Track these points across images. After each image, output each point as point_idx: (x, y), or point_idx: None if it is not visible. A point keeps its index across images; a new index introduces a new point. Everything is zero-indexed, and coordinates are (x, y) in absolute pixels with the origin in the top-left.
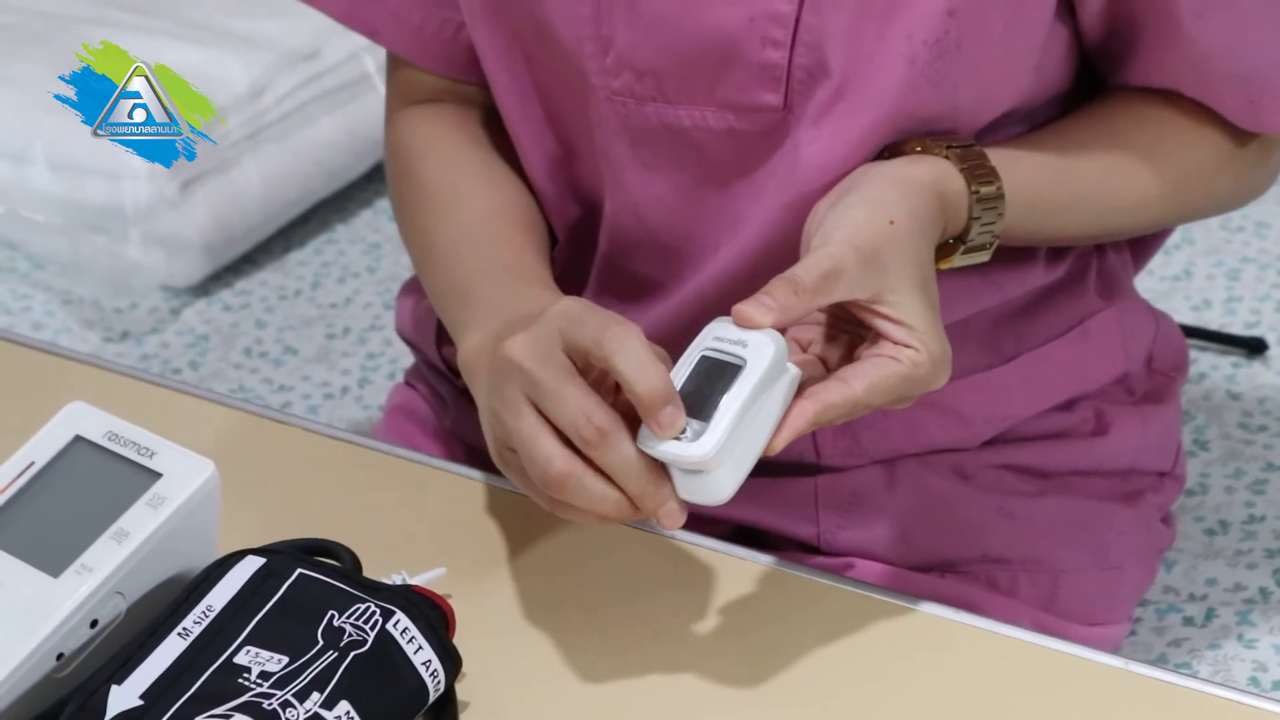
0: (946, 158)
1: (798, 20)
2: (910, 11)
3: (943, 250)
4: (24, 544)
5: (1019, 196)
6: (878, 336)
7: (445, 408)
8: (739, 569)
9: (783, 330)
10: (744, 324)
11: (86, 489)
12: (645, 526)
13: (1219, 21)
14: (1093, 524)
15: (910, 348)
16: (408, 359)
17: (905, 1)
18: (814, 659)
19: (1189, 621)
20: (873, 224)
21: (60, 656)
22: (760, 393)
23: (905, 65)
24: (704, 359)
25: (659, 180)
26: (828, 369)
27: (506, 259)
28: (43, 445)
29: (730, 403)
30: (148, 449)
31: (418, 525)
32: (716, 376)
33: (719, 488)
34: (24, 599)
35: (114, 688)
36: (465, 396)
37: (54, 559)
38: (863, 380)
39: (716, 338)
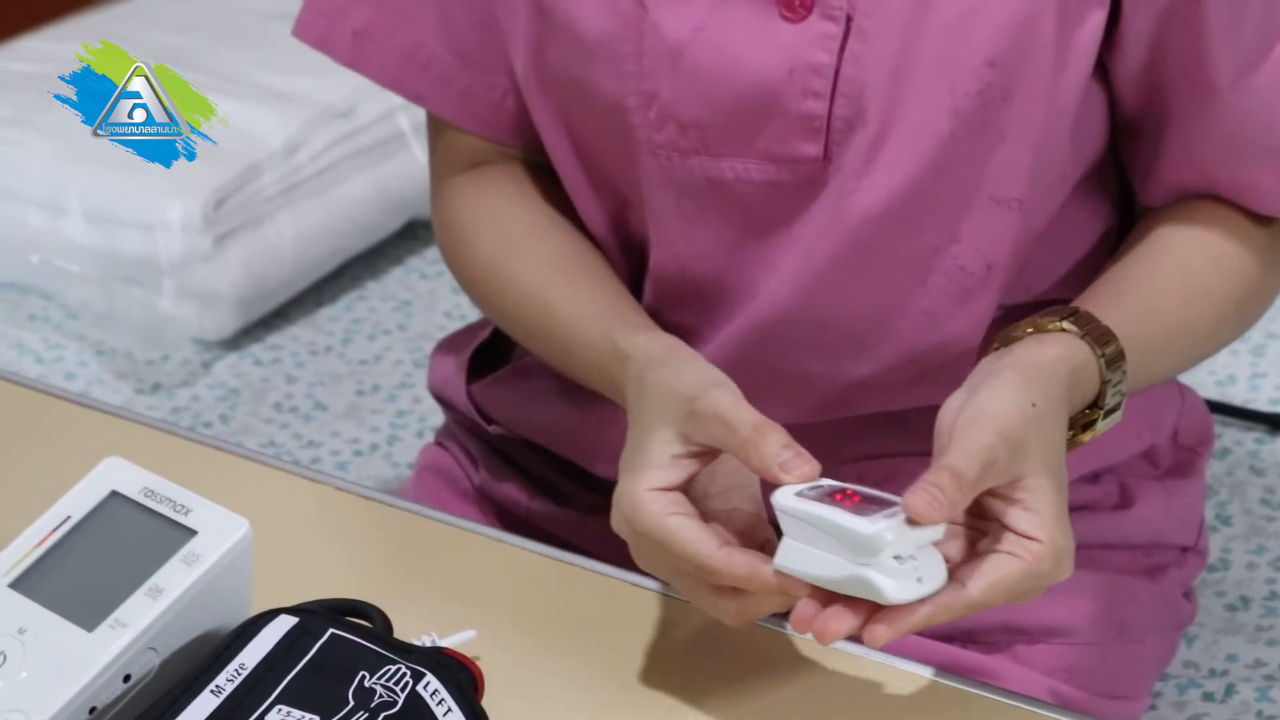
0: (1064, 329)
1: (837, 72)
2: (951, 64)
3: (1080, 420)
4: (59, 597)
5: (1130, 350)
6: (1001, 529)
7: (476, 466)
8: (765, 636)
9: None
10: (922, 521)
11: (122, 544)
12: (674, 593)
13: (1257, 89)
14: (1116, 597)
15: (1034, 540)
16: (437, 417)
17: (946, 54)
18: None
19: (1209, 697)
20: (1017, 408)
21: (93, 710)
22: None
23: (949, 117)
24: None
25: (703, 233)
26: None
27: (571, 321)
28: (79, 499)
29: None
30: (183, 506)
31: (447, 587)
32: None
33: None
34: (58, 652)
35: None
36: (496, 454)
37: (88, 613)
38: (979, 581)
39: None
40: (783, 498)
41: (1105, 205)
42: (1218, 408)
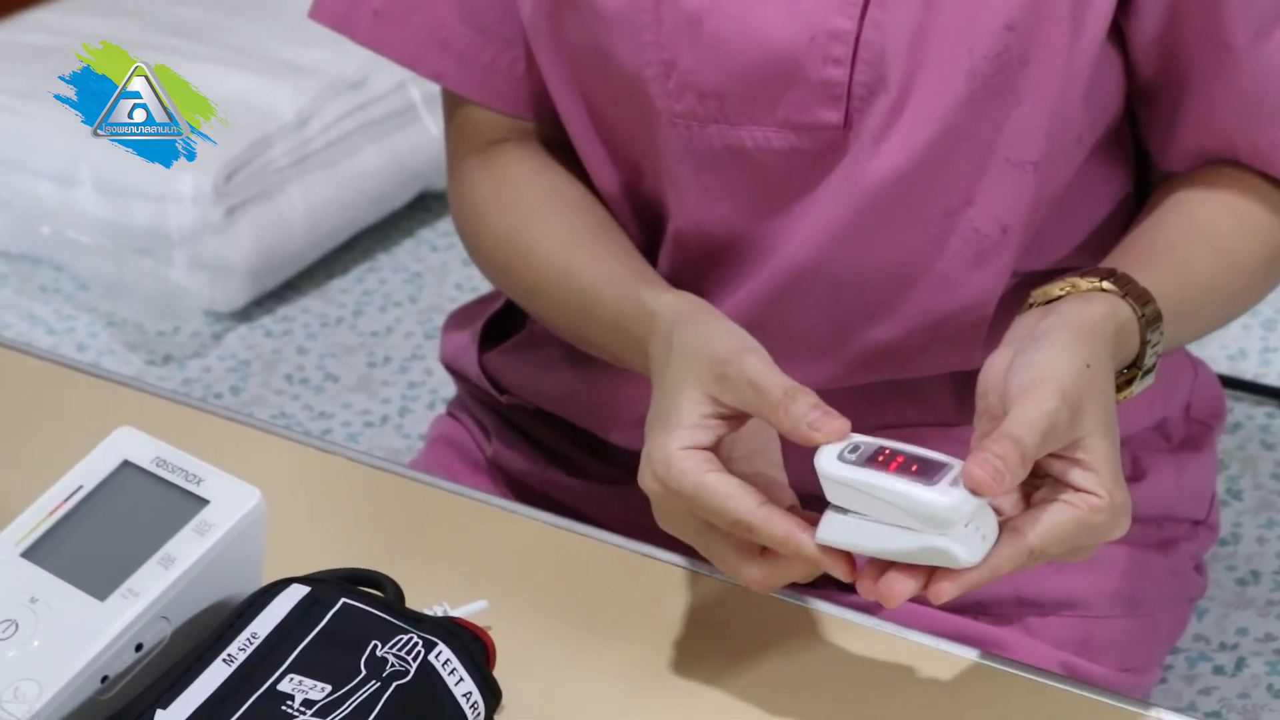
0: (1104, 289)
1: (858, 38)
2: (969, 28)
3: (1118, 380)
4: (71, 567)
5: (1164, 310)
6: (1057, 483)
7: (488, 437)
8: (775, 605)
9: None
10: (983, 493)
11: (134, 514)
12: (686, 564)
13: (1275, 50)
14: (1127, 571)
15: (1093, 494)
16: (448, 389)
17: (964, 18)
18: (846, 698)
19: (1219, 670)
20: (1074, 371)
21: (105, 679)
22: None
23: (966, 80)
24: None
25: (722, 201)
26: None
27: (599, 288)
28: (91, 469)
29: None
30: (195, 475)
31: (459, 557)
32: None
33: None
34: (70, 621)
35: (159, 712)
36: (508, 425)
37: (101, 582)
38: (1035, 527)
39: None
40: (830, 465)
41: (1120, 172)
42: (1229, 382)
